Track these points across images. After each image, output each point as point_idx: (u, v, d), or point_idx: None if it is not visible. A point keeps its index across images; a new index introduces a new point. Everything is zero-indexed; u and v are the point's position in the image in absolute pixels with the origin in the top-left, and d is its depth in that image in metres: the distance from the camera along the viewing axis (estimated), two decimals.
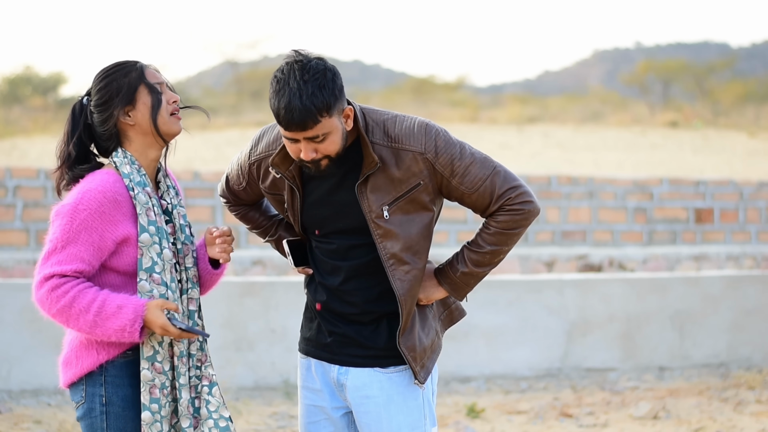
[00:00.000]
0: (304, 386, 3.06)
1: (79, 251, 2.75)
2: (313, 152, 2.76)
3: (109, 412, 2.82)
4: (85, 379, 2.84)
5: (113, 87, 2.82)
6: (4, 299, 6.71)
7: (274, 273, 9.10)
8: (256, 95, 37.99)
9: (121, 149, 2.86)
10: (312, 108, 2.68)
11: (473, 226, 9.81)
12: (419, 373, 2.91)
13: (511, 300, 7.66)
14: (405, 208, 2.85)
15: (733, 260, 10.87)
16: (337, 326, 2.96)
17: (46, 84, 34.89)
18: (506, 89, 60.43)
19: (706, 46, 77.10)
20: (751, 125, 30.62)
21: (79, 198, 2.78)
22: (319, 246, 2.96)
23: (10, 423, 5.98)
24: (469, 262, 2.94)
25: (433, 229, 2.95)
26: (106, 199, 2.77)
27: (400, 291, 2.86)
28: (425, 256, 2.92)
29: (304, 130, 2.72)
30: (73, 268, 2.74)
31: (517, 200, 2.87)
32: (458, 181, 2.86)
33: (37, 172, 9.34)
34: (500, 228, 2.89)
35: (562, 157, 21.37)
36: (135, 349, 2.84)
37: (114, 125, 2.84)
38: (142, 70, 2.85)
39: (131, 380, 2.83)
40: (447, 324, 3.08)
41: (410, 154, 2.83)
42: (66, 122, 2.90)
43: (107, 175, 2.82)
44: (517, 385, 7.38)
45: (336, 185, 2.88)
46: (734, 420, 6.37)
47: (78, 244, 2.75)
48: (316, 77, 2.70)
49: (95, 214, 2.76)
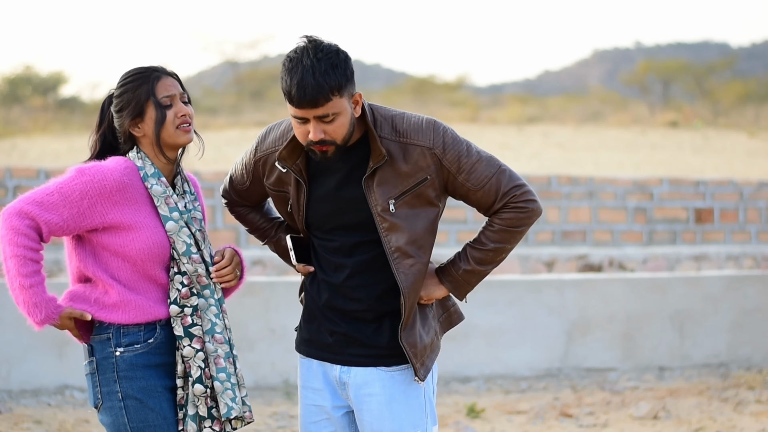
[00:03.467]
0: (304, 386, 3.06)
1: (62, 210, 2.83)
2: (321, 133, 2.78)
3: (128, 406, 2.87)
4: (99, 379, 2.89)
5: (125, 98, 2.94)
6: (4, 299, 6.68)
7: (274, 273, 9.10)
8: (256, 95, 38.02)
9: (137, 148, 2.97)
10: (324, 85, 2.72)
11: (473, 226, 9.82)
12: (419, 370, 2.92)
13: (511, 300, 7.66)
14: (411, 203, 2.87)
15: (733, 260, 10.87)
16: (339, 325, 2.97)
17: (46, 84, 34.91)
18: (506, 89, 60.47)
19: (706, 46, 77.12)
20: (751, 125, 30.65)
21: (92, 167, 2.88)
22: (322, 244, 2.96)
23: (10, 423, 5.98)
24: (472, 260, 2.95)
25: (437, 225, 2.96)
26: (113, 179, 2.86)
27: (404, 284, 2.87)
28: (429, 252, 2.93)
29: (315, 108, 2.74)
30: (47, 218, 2.82)
31: (521, 198, 2.90)
32: (464, 178, 2.88)
33: (37, 172, 9.34)
34: (504, 225, 2.91)
35: (562, 157, 21.38)
36: (147, 340, 2.90)
37: (127, 131, 2.96)
38: (154, 83, 2.94)
39: (144, 371, 2.88)
40: (446, 326, 3.08)
41: (418, 149, 2.85)
42: (98, 114, 3.06)
43: (124, 160, 2.93)
44: (517, 385, 7.38)
45: (342, 181, 2.90)
46: (734, 420, 6.37)
47: (67, 204, 2.83)
48: (329, 56, 2.75)
49: (97, 186, 2.85)
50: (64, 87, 36.65)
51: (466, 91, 45.14)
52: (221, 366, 2.90)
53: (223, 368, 2.90)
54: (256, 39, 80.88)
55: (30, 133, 24.15)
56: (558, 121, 31.43)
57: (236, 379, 2.94)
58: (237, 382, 2.94)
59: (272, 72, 44.31)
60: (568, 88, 50.62)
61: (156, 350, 2.90)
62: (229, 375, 2.91)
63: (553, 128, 28.49)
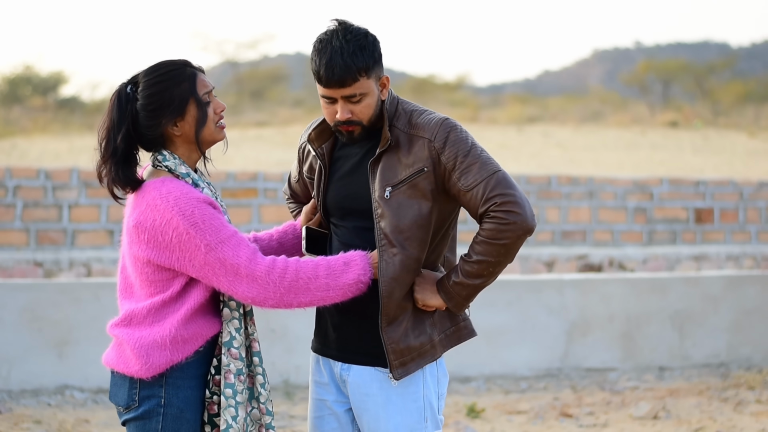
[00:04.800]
0: (313, 380, 3.10)
1: (235, 231, 2.75)
2: (348, 113, 2.87)
3: (167, 413, 2.78)
4: (140, 382, 2.79)
5: (165, 97, 2.79)
6: (4, 299, 6.71)
7: None
8: (256, 95, 38.01)
9: (168, 152, 2.84)
10: (352, 66, 2.81)
11: (474, 226, 9.81)
12: (395, 369, 2.90)
13: (511, 300, 7.65)
14: (407, 193, 2.89)
15: (733, 260, 10.88)
16: (342, 322, 2.99)
17: (46, 84, 34.89)
18: (506, 89, 60.45)
19: (706, 46, 77.12)
20: (751, 125, 30.64)
21: (175, 202, 2.73)
22: (336, 231, 3.02)
23: (10, 423, 5.98)
24: (461, 272, 2.93)
25: (432, 222, 2.93)
26: (205, 201, 2.76)
27: (383, 271, 2.87)
28: (418, 247, 2.90)
29: (343, 87, 2.83)
30: (253, 248, 2.75)
31: (502, 207, 2.83)
32: (457, 177, 2.88)
33: (37, 172, 9.34)
34: (484, 237, 2.88)
35: (562, 157, 21.38)
36: (203, 348, 2.83)
37: (161, 132, 2.82)
38: (194, 80, 2.83)
39: (192, 381, 2.81)
40: (454, 341, 3.04)
41: (420, 140, 2.90)
42: (111, 109, 2.83)
43: (175, 182, 2.78)
44: (517, 385, 7.38)
45: (356, 165, 2.97)
46: (734, 420, 6.37)
47: (225, 225, 2.74)
48: (358, 38, 2.84)
49: (204, 206, 2.75)
50: (64, 87, 36.65)
51: (466, 91, 45.13)
52: (230, 381, 2.80)
53: (231, 384, 2.80)
54: (256, 39, 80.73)
55: (30, 133, 24.12)
56: (558, 121, 31.43)
57: (243, 398, 2.82)
58: (243, 401, 2.82)
59: (272, 72, 44.34)
60: (568, 88, 50.61)
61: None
62: (235, 392, 2.80)
63: (553, 128, 28.49)
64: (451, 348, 3.03)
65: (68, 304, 6.74)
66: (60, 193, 9.31)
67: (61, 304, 6.74)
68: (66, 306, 6.74)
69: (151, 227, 2.73)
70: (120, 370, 2.81)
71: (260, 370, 2.86)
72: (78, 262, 8.87)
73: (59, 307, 6.74)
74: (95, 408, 6.37)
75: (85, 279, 8.18)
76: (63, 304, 6.75)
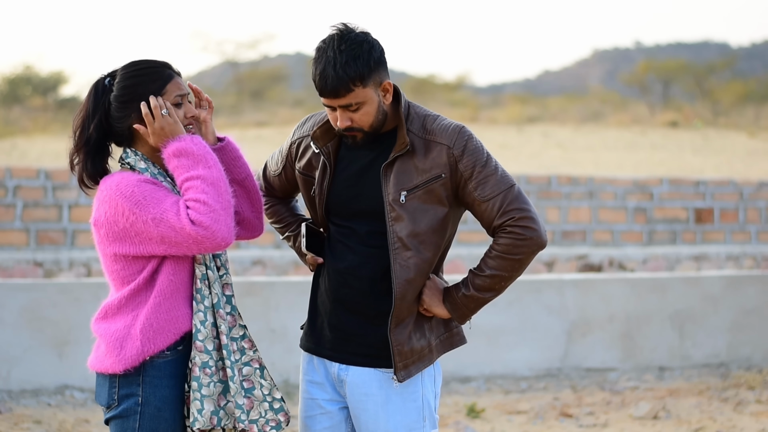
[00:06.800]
0: (305, 379, 3.09)
1: (177, 199, 2.79)
2: (348, 121, 2.88)
3: (144, 412, 2.81)
4: (118, 380, 2.83)
5: (137, 92, 2.82)
6: (4, 299, 6.71)
7: (274, 273, 9.10)
8: (255, 95, 38.01)
9: (132, 150, 2.88)
10: (344, 77, 2.80)
11: (473, 226, 9.82)
12: (400, 371, 2.92)
13: (511, 300, 7.65)
14: (422, 198, 2.90)
15: (733, 260, 10.87)
16: (341, 320, 2.99)
17: (46, 84, 34.87)
18: (506, 89, 60.47)
19: (706, 46, 77.13)
20: (751, 125, 30.64)
21: (116, 188, 2.79)
22: (337, 230, 3.01)
23: (10, 423, 5.98)
24: (471, 285, 2.95)
25: (447, 227, 2.95)
26: (145, 180, 2.80)
27: (397, 274, 2.89)
28: (432, 251, 2.93)
29: (337, 98, 2.84)
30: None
31: (520, 222, 2.88)
32: (474, 186, 2.90)
33: (37, 172, 9.34)
34: (500, 251, 2.91)
35: (562, 157, 21.37)
36: (177, 347, 2.84)
37: (128, 126, 2.85)
38: (168, 81, 2.85)
39: (170, 380, 2.83)
40: (447, 347, 3.06)
41: (438, 146, 2.90)
42: (87, 99, 2.88)
43: (122, 173, 2.84)
44: (517, 385, 7.38)
45: (366, 167, 2.96)
46: (734, 420, 6.37)
47: (166, 197, 2.79)
48: (352, 48, 2.82)
49: (143, 184, 2.79)
50: (64, 87, 36.58)
51: (466, 90, 45.12)
52: (195, 374, 2.81)
53: (197, 377, 2.81)
54: (256, 39, 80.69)
55: (30, 133, 24.13)
56: (558, 121, 31.43)
57: (211, 391, 2.81)
58: (211, 394, 2.81)
59: (272, 72, 44.32)
60: (568, 88, 50.61)
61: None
62: (201, 385, 2.80)
63: (553, 128, 28.48)
64: (443, 354, 3.05)
65: (68, 304, 6.74)
66: (60, 193, 9.31)
67: (61, 304, 6.74)
68: (66, 306, 6.74)
69: (106, 220, 2.81)
70: (98, 369, 2.87)
71: (229, 363, 2.84)
72: (78, 262, 8.87)
73: (59, 307, 6.73)
74: (95, 408, 6.37)
75: (85, 279, 8.18)
76: (63, 304, 6.74)
